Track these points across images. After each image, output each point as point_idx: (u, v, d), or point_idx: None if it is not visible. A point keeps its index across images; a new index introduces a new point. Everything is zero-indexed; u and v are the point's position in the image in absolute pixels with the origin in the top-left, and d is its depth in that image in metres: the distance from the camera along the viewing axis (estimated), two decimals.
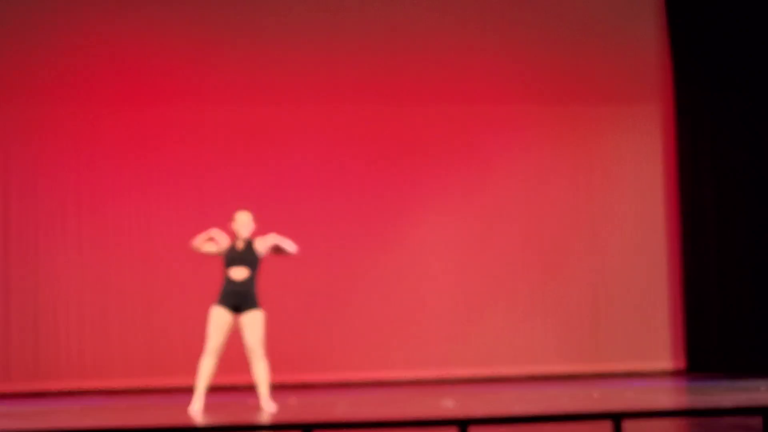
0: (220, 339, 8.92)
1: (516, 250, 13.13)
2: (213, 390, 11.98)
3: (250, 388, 12.08)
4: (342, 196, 12.90)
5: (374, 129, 13.05)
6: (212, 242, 9.21)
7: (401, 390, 11.30)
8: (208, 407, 9.26)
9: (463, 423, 5.20)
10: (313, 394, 10.91)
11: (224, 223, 12.77)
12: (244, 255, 9.00)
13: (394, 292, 12.89)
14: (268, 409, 8.90)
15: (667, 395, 10.03)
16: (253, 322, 8.87)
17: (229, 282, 8.95)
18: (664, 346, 13.25)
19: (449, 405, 8.78)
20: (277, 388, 12.06)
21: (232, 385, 12.35)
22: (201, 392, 8.98)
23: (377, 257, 12.90)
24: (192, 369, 12.27)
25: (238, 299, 8.90)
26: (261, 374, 9.01)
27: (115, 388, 12.11)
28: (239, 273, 8.95)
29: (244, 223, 9.15)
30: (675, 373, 13.05)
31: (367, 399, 9.98)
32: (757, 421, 6.55)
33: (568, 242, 13.23)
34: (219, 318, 8.92)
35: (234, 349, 12.60)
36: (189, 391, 12.24)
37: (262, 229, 12.76)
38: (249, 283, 8.95)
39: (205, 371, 8.97)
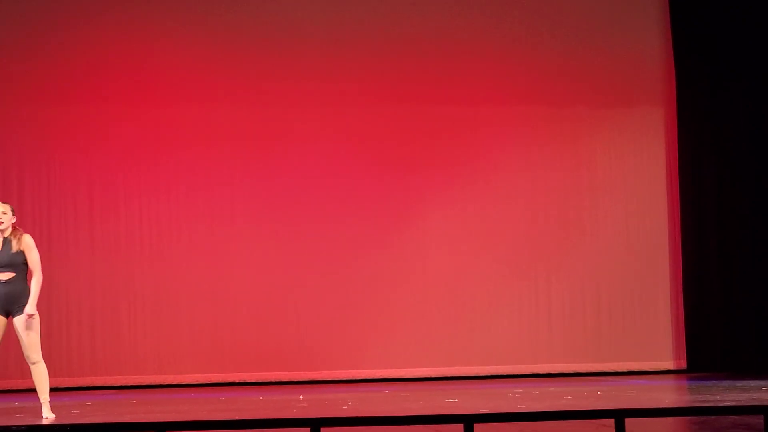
0: None
1: (519, 250, 13.23)
2: (220, 386, 12.11)
3: (257, 385, 12.22)
4: (347, 197, 12.98)
5: (377, 129, 13.13)
6: None
7: (407, 387, 11.38)
8: (218, 402, 9.40)
9: (468, 420, 5.27)
10: (320, 391, 11.00)
11: (229, 221, 12.91)
12: (4, 255, 8.14)
13: (399, 291, 12.99)
14: (46, 416, 8.18)
15: (668, 394, 10.12)
16: (27, 325, 8.12)
17: None
18: (666, 345, 13.35)
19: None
20: (286, 386, 12.20)
21: (241, 381, 12.50)
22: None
23: (383, 257, 12.99)
24: (201, 366, 12.46)
25: (7, 302, 8.11)
26: (36, 379, 8.26)
27: (126, 384, 12.28)
28: (4, 274, 8.11)
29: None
30: (676, 373, 13.16)
31: (374, 396, 10.07)
32: (758, 420, 6.67)
33: (571, 242, 13.33)
34: None
35: (238, 349, 12.74)
36: (198, 387, 12.38)
37: (274, 229, 12.87)
38: (15, 283, 8.11)
39: None
